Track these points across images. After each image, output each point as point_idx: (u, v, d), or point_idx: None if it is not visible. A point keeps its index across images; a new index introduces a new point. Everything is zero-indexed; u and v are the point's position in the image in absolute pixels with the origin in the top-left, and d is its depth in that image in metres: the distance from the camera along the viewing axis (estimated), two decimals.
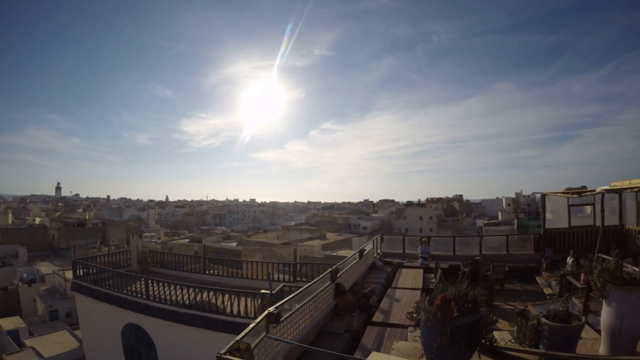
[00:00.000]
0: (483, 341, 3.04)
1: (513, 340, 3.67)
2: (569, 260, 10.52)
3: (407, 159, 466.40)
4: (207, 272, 16.31)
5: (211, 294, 10.67)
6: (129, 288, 12.38)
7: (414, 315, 3.29)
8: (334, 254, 32.30)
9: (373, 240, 13.22)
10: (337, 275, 7.55)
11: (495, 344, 3.44)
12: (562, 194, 12.55)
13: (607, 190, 10.07)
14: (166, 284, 11.65)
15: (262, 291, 10.14)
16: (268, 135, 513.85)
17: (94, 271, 14.15)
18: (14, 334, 23.93)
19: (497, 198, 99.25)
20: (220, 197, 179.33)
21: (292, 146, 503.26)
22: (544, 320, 3.35)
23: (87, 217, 73.38)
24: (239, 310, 10.20)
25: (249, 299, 10.25)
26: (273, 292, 9.72)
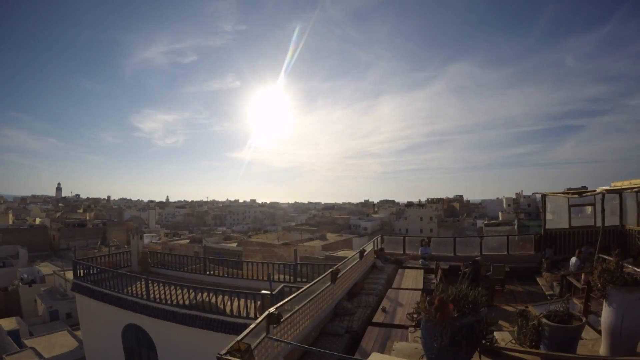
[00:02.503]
0: (483, 342, 3.04)
1: (513, 341, 3.66)
2: (573, 260, 10.40)
3: (394, 157, 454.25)
4: (208, 272, 16.31)
5: (211, 294, 10.67)
6: (130, 288, 12.39)
7: (415, 315, 3.29)
8: (335, 254, 32.29)
9: (373, 241, 13.21)
10: (338, 276, 7.55)
11: (495, 345, 3.44)
12: (563, 195, 12.56)
13: (608, 191, 10.07)
14: (166, 284, 11.66)
15: (263, 292, 10.14)
16: (232, 133, 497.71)
17: (95, 272, 14.14)
18: (14, 334, 23.95)
19: (497, 198, 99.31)
20: (221, 198, 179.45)
21: (262, 143, 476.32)
22: (544, 320, 3.35)
23: (87, 218, 73.42)
24: (239, 311, 10.20)
25: (249, 300, 10.25)
26: (273, 292, 9.72)
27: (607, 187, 10.56)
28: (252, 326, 3.92)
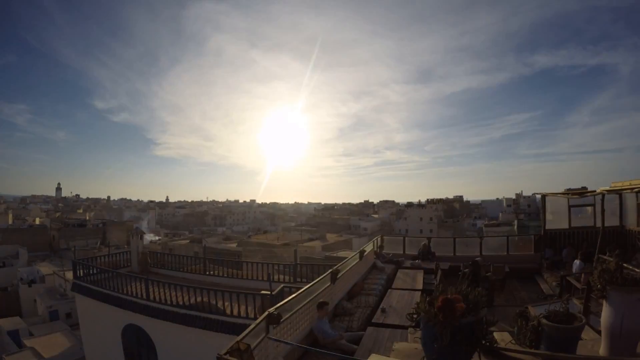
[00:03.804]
0: (483, 342, 3.04)
1: (513, 341, 3.66)
2: (577, 262, 10.35)
3: (367, 158, 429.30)
4: (207, 273, 16.30)
5: (211, 294, 10.67)
6: (129, 289, 12.38)
7: (414, 316, 3.29)
8: (334, 254, 32.27)
9: (373, 241, 13.21)
10: (338, 276, 7.55)
11: (495, 345, 3.44)
12: (562, 195, 12.56)
13: (607, 191, 10.07)
14: (166, 284, 11.66)
15: (262, 292, 10.15)
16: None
17: (94, 272, 14.15)
18: (14, 334, 23.96)
19: (497, 199, 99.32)
20: (221, 198, 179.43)
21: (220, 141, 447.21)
22: (544, 321, 3.35)
23: (87, 218, 73.39)
24: (239, 311, 10.20)
25: (249, 300, 10.24)
26: (273, 293, 9.72)
27: (607, 188, 10.57)
28: (251, 326, 3.92)
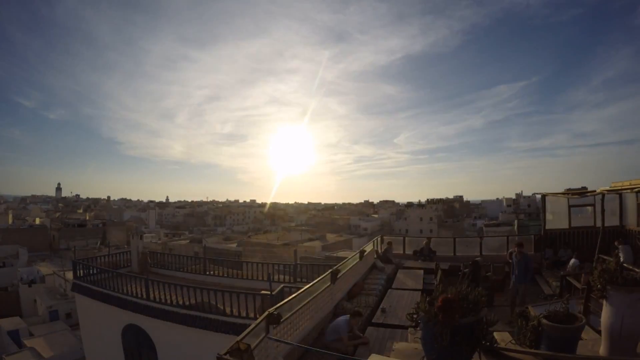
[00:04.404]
0: (483, 342, 3.04)
1: (513, 341, 3.66)
2: (572, 261, 10.41)
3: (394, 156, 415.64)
4: (207, 273, 16.29)
5: (211, 294, 10.66)
6: (129, 289, 12.38)
7: (414, 316, 3.29)
8: (334, 255, 32.27)
9: (373, 241, 13.22)
10: (338, 276, 7.55)
11: (495, 345, 3.44)
12: (562, 195, 12.57)
13: (607, 191, 10.08)
14: (166, 284, 11.64)
15: (262, 292, 10.14)
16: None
17: (94, 272, 14.14)
18: (14, 334, 23.96)
19: (497, 199, 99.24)
20: (221, 198, 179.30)
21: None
22: (544, 321, 3.35)
23: (87, 218, 73.41)
24: (239, 311, 10.18)
25: (249, 300, 10.23)
26: (273, 293, 9.72)
27: (607, 188, 10.57)
28: (251, 326, 3.92)
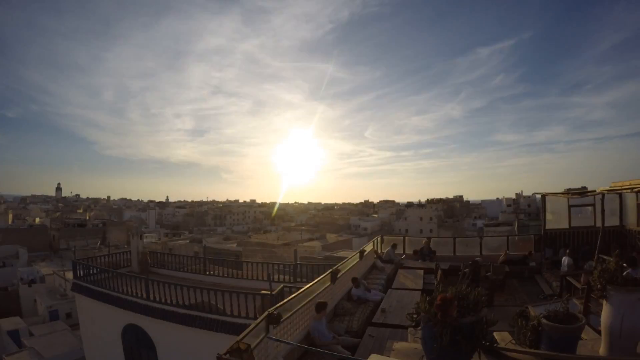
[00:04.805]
0: (483, 342, 3.04)
1: (513, 341, 3.66)
2: (565, 260, 10.41)
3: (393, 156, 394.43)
4: (207, 272, 16.30)
5: (211, 294, 10.67)
6: (129, 289, 12.38)
7: (414, 316, 3.29)
8: (334, 254, 32.27)
9: (373, 241, 13.22)
10: (338, 276, 7.55)
11: (495, 345, 3.44)
12: (562, 195, 12.56)
13: (607, 191, 10.08)
14: (166, 284, 11.65)
15: (262, 292, 10.15)
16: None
17: (94, 272, 14.14)
18: (14, 334, 23.95)
19: (497, 199, 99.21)
20: (221, 198, 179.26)
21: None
22: (544, 320, 3.35)
23: (87, 218, 73.37)
24: (239, 311, 10.19)
25: (249, 300, 10.24)
26: (273, 292, 9.72)
27: (607, 188, 10.57)
28: (251, 326, 3.92)
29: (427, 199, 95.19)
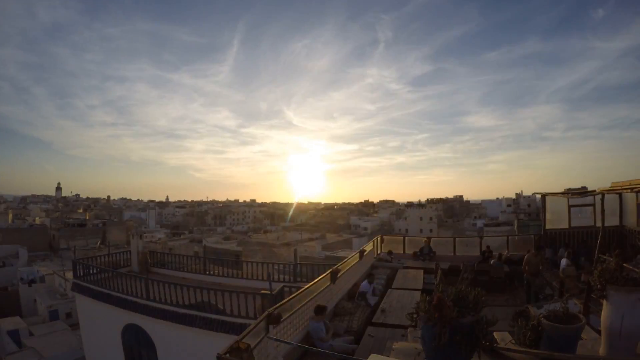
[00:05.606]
0: (483, 342, 3.04)
1: (513, 341, 3.66)
2: (564, 261, 10.35)
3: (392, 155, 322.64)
4: (207, 272, 16.30)
5: (211, 294, 10.67)
6: (129, 288, 12.38)
7: (414, 315, 3.29)
8: (334, 254, 32.30)
9: (373, 241, 13.22)
10: (337, 276, 7.55)
11: (495, 345, 3.44)
12: (562, 195, 12.57)
13: (607, 191, 10.08)
14: (166, 284, 11.65)
15: (262, 292, 10.14)
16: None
17: (94, 271, 14.14)
18: (14, 334, 23.96)
19: (497, 199, 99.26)
20: (221, 198, 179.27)
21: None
22: (544, 320, 3.35)
23: (87, 218, 73.43)
24: (239, 311, 10.19)
25: (249, 300, 10.24)
26: (273, 292, 9.72)
27: (607, 188, 10.57)
28: (251, 326, 3.92)
29: (427, 199, 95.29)
